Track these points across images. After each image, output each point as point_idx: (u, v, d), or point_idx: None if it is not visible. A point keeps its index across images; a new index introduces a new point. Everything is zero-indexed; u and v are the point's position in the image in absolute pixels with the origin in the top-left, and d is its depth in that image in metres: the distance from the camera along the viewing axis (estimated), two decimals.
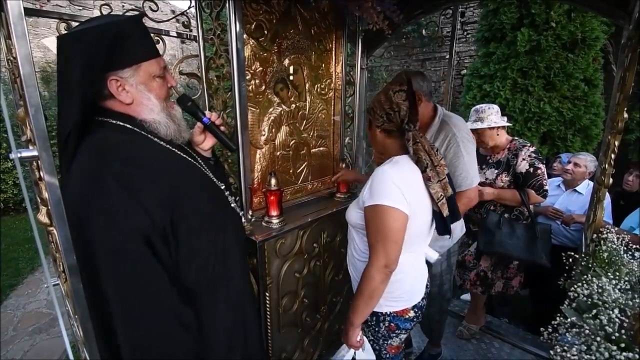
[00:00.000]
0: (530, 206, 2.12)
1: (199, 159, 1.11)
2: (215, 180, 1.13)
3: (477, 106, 2.22)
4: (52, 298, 0.99)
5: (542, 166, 2.04)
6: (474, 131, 2.12)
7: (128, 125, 0.93)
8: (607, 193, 2.43)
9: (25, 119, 0.85)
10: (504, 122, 2.14)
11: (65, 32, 1.23)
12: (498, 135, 2.14)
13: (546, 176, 2.05)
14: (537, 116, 4.08)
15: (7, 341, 2.77)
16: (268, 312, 1.57)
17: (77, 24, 1.27)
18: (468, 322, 2.50)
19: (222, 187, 1.15)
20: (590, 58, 3.95)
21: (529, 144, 2.11)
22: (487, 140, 2.16)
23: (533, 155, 2.05)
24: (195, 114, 1.11)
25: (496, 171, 2.16)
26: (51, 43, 6.43)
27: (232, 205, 1.19)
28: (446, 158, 1.57)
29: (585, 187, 2.56)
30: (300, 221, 1.67)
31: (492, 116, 2.11)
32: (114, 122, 0.92)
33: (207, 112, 1.13)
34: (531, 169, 2.03)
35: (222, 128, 1.16)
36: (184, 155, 1.04)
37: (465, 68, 5.77)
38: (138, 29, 0.92)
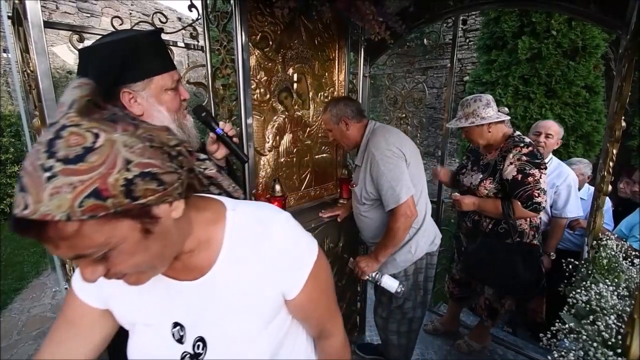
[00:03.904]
0: (524, 221, 1.85)
1: None
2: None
3: (464, 99, 1.87)
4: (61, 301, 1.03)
5: (537, 172, 1.68)
6: (462, 128, 1.88)
7: None
8: (608, 199, 2.44)
9: (41, 129, 0.89)
10: (497, 117, 1.78)
11: (77, 42, 1.28)
12: (490, 132, 1.81)
13: (544, 186, 1.70)
14: None
15: (11, 345, 2.79)
16: None
17: (88, 35, 1.32)
18: (470, 339, 2.36)
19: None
20: (591, 65, 3.98)
21: (523, 144, 1.74)
22: (476, 139, 1.85)
23: (524, 158, 1.70)
24: (208, 124, 1.12)
25: (481, 176, 1.86)
26: (60, 50, 6.53)
27: None
28: (372, 179, 1.59)
29: (587, 191, 2.55)
30: (303, 227, 1.70)
31: (480, 110, 1.77)
32: None
33: (220, 123, 1.14)
34: (519, 176, 1.69)
35: (234, 139, 1.17)
36: None
37: (467, 75, 5.81)
38: (152, 43, 0.95)
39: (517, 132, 1.86)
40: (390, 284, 1.66)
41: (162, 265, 0.57)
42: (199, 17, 1.44)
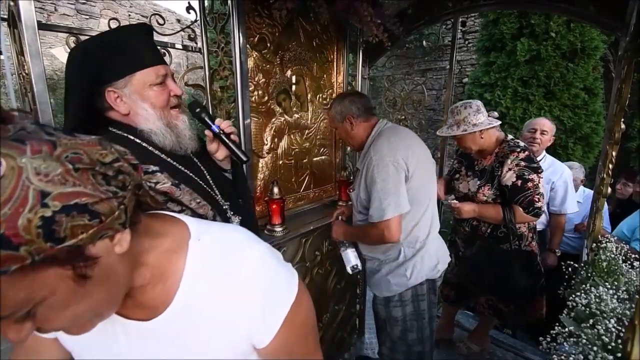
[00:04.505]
0: (523, 225, 1.84)
1: (205, 171, 1.05)
2: (217, 197, 1.05)
3: (453, 105, 1.85)
4: None
5: (535, 177, 1.70)
6: (454, 135, 1.85)
7: (130, 136, 0.93)
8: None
9: None
10: (488, 122, 1.75)
11: (74, 44, 1.27)
12: (482, 138, 1.78)
13: (542, 190, 1.71)
14: None
15: (10, 347, 2.78)
16: None
17: (84, 37, 1.31)
18: (470, 341, 2.36)
19: (225, 207, 1.06)
20: (590, 67, 3.99)
21: (519, 149, 1.74)
22: (469, 145, 1.82)
23: (523, 164, 1.70)
24: (203, 121, 1.04)
25: (479, 182, 1.84)
26: (58, 52, 6.53)
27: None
28: (366, 186, 1.44)
29: (582, 194, 2.57)
30: (302, 229, 1.70)
31: (471, 117, 1.75)
32: (117, 131, 0.93)
33: (217, 120, 1.05)
34: (519, 182, 1.69)
35: (233, 137, 1.07)
36: (180, 167, 0.98)
37: (467, 76, 5.82)
38: (132, 39, 0.91)
39: (510, 136, 1.86)
40: (349, 258, 1.62)
41: (111, 309, 0.48)
42: (197, 19, 1.43)
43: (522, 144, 1.80)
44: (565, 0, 1.57)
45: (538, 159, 2.23)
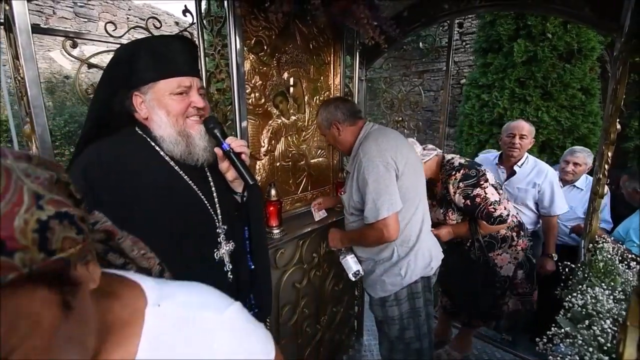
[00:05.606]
0: (502, 229, 1.91)
1: (214, 187, 1.03)
2: (215, 217, 1.01)
3: None
4: None
5: (479, 190, 1.70)
6: None
7: (148, 138, 0.96)
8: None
9: (32, 135, 0.89)
10: (421, 158, 1.80)
11: (71, 48, 1.27)
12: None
13: (495, 197, 1.70)
14: (535, 125, 4.10)
15: None
16: (268, 323, 1.58)
17: (82, 41, 1.31)
18: (452, 348, 2.33)
19: (219, 230, 1.02)
20: (587, 68, 4.00)
21: (454, 170, 1.78)
22: None
23: (462, 185, 1.74)
24: (215, 137, 0.99)
25: (442, 210, 1.92)
26: (57, 55, 6.52)
27: (222, 251, 1.02)
28: (359, 188, 1.45)
29: (584, 181, 2.50)
30: (299, 231, 1.70)
31: None
32: (139, 131, 0.97)
33: (229, 138, 0.99)
34: (467, 202, 1.73)
35: (243, 156, 1.00)
36: (185, 177, 0.96)
37: (464, 78, 5.83)
38: (163, 49, 0.92)
39: (447, 158, 1.88)
40: (350, 265, 1.60)
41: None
42: (194, 22, 1.44)
43: (456, 163, 1.81)
44: (561, 2, 1.58)
45: (520, 162, 2.30)
